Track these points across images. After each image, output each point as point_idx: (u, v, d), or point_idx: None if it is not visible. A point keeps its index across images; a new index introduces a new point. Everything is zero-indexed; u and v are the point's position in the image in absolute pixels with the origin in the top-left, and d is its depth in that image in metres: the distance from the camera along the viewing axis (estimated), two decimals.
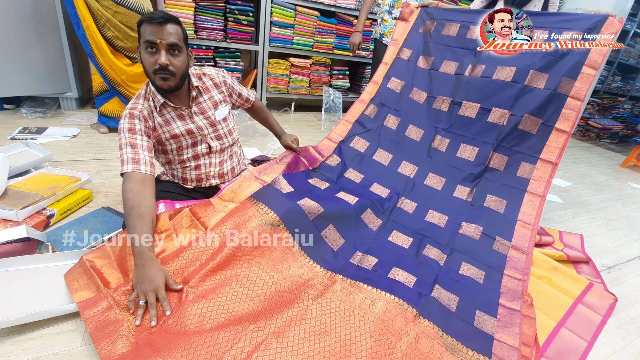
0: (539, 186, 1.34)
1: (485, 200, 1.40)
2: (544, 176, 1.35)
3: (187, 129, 1.16)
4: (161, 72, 1.01)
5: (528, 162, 1.40)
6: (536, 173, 1.36)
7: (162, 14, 0.99)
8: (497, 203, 1.38)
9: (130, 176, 1.00)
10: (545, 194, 1.34)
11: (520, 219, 1.31)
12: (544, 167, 1.36)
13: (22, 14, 2.09)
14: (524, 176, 1.38)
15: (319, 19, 2.90)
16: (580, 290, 1.25)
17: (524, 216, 1.31)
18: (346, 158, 1.61)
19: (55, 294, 0.90)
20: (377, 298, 0.94)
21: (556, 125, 1.38)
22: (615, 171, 3.07)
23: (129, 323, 0.79)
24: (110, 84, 2.06)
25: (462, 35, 1.67)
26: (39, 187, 1.33)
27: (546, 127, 1.40)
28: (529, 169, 1.38)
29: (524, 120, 1.43)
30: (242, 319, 0.82)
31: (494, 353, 0.88)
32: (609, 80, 4.56)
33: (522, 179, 1.38)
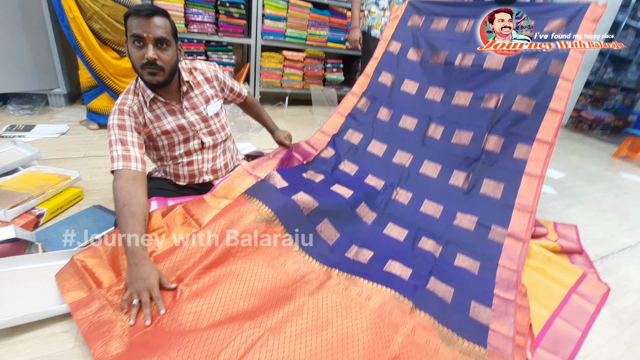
0: (536, 167, 1.32)
1: (481, 186, 1.38)
2: (541, 156, 1.32)
3: (178, 124, 1.13)
4: (149, 67, 0.98)
5: (524, 142, 1.37)
6: (533, 154, 1.34)
7: (149, 6, 0.96)
8: (493, 188, 1.36)
9: (121, 174, 0.97)
10: (543, 174, 1.31)
11: (518, 202, 1.29)
12: (540, 147, 1.34)
13: (7, 8, 2.03)
14: (520, 157, 1.36)
15: (312, 11, 2.87)
16: (574, 281, 1.26)
17: (522, 199, 1.29)
18: (340, 150, 1.60)
19: (46, 295, 0.88)
20: (373, 292, 0.95)
21: (550, 106, 1.37)
22: (608, 162, 3.10)
23: (122, 323, 0.78)
24: (99, 78, 2.01)
25: (451, 29, 1.68)
26: (28, 186, 1.30)
27: (540, 107, 1.39)
28: (525, 150, 1.36)
29: (517, 101, 1.43)
30: (238, 316, 0.81)
31: (489, 343, 0.89)
32: (601, 72, 4.59)
33: (519, 160, 1.36)
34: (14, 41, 2.10)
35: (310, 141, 1.62)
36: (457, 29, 1.66)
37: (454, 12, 1.69)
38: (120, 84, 2.04)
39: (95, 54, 1.94)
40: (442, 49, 1.66)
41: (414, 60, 1.72)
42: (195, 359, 0.69)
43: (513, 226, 1.25)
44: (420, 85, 1.66)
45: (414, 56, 1.73)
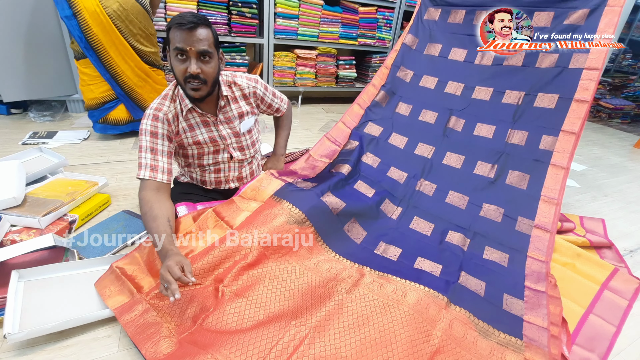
0: (562, 158, 1.30)
1: (507, 176, 1.36)
2: (567, 147, 1.30)
3: (210, 136, 1.14)
4: (192, 81, 0.97)
5: (549, 134, 1.35)
6: (559, 145, 1.32)
7: (192, 17, 0.94)
8: (519, 179, 1.34)
9: (147, 184, 0.99)
10: (569, 166, 1.30)
11: (544, 194, 1.27)
12: (566, 138, 1.32)
13: (23, 17, 2.06)
14: (546, 148, 1.34)
15: (324, 8, 2.84)
16: (605, 276, 1.25)
17: (547, 191, 1.27)
18: (363, 141, 1.59)
19: (87, 300, 0.91)
20: (407, 289, 0.97)
21: (575, 97, 1.34)
22: (629, 152, 3.02)
23: (168, 324, 0.80)
24: (121, 86, 1.92)
25: (468, 22, 1.65)
26: (58, 193, 1.33)
27: (564, 100, 1.37)
28: (550, 141, 1.34)
29: (539, 98, 1.41)
30: (281, 315, 0.84)
31: (524, 334, 0.91)
32: (619, 59, 4.46)
33: (544, 151, 1.34)
34: (32, 49, 2.13)
35: (332, 135, 1.62)
36: (475, 22, 1.62)
37: (471, 1, 1.65)
38: (145, 94, 1.97)
39: (124, 54, 1.82)
40: (461, 47, 1.64)
41: (432, 55, 1.70)
42: (248, 356, 0.71)
43: (539, 217, 1.24)
44: (439, 81, 1.65)
45: (432, 51, 1.71)
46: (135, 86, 1.98)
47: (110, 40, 1.82)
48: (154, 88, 2.07)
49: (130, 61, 1.91)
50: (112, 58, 1.86)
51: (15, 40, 2.05)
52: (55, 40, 2.23)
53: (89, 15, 1.74)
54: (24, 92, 2.19)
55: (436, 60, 1.69)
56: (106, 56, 1.84)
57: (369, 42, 3.17)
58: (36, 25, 2.13)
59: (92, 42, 1.80)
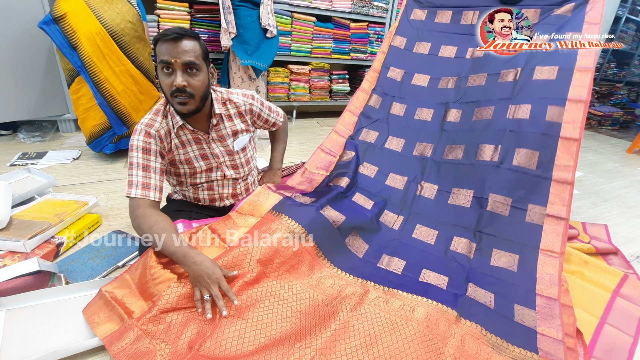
0: (573, 129, 1.16)
1: (514, 156, 1.23)
2: (577, 118, 1.16)
3: (202, 154, 1.10)
4: (178, 95, 0.93)
5: (555, 104, 1.22)
6: (567, 115, 1.18)
7: (177, 29, 0.91)
8: (527, 157, 1.21)
9: (139, 203, 0.95)
10: (580, 137, 1.17)
11: (555, 173, 1.15)
12: (574, 107, 1.18)
13: (14, 37, 2.04)
14: (554, 120, 1.20)
15: (316, 24, 2.88)
16: (615, 283, 1.21)
17: (559, 170, 1.15)
18: (359, 151, 1.54)
19: (74, 329, 0.85)
20: (415, 303, 0.92)
21: (577, 66, 1.26)
22: (623, 157, 3.05)
23: (162, 352, 0.74)
24: (116, 112, 1.83)
25: (456, 22, 1.64)
26: (45, 215, 1.27)
27: (565, 71, 1.28)
28: (557, 112, 1.21)
29: (538, 71, 1.33)
30: (284, 337, 0.79)
31: (539, 347, 0.86)
32: (604, 68, 4.57)
33: (552, 123, 1.20)
34: (22, 69, 2.11)
35: (326, 146, 1.56)
36: (462, 22, 1.61)
37: (457, 2, 1.64)
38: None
39: (119, 72, 1.77)
40: (451, 44, 1.62)
41: (421, 53, 1.68)
42: None
43: (552, 203, 1.13)
44: (431, 78, 1.62)
45: (422, 50, 1.68)
46: (132, 109, 1.92)
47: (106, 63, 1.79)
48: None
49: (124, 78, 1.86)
50: (106, 79, 1.80)
51: (4, 60, 2.02)
52: (46, 59, 2.20)
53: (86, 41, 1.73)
54: (13, 112, 2.15)
55: (426, 58, 1.66)
56: (99, 76, 1.79)
57: (361, 56, 3.21)
58: (25, 45, 2.10)
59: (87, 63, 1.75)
